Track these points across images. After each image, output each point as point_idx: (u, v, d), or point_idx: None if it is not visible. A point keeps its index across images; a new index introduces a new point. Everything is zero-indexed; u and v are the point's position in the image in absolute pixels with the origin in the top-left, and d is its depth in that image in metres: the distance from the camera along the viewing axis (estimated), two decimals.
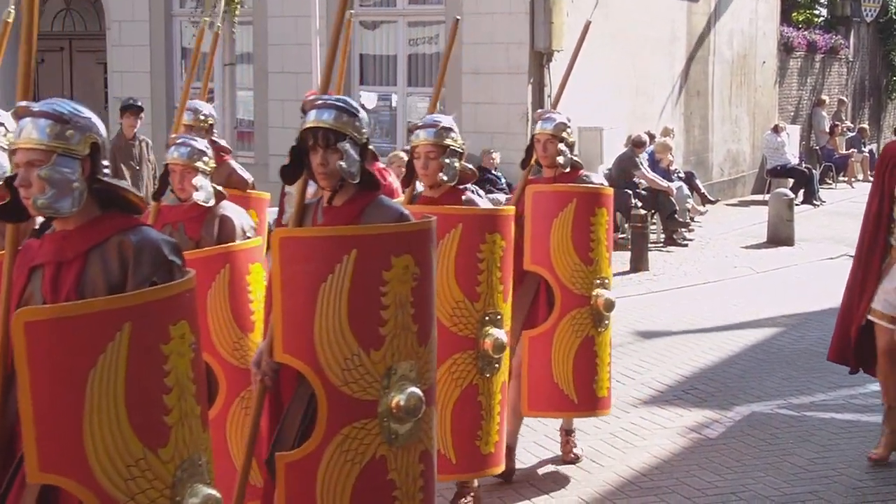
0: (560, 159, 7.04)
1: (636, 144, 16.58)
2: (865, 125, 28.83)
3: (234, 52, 13.36)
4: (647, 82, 19.24)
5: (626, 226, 16.17)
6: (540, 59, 15.88)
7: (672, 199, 16.61)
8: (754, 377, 9.56)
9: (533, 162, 7.20)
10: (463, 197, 6.02)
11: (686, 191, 17.57)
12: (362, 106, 16.84)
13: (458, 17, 6.82)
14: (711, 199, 19.51)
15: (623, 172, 16.44)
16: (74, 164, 3.59)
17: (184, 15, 17.43)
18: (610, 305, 7.04)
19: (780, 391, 9.12)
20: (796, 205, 18.25)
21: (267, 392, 4.54)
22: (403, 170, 6.32)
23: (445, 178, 5.91)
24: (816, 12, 29.91)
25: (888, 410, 7.27)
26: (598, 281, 7.00)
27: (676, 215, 16.69)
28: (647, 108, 19.21)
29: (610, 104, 18.00)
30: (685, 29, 20.38)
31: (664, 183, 16.67)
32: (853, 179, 25.75)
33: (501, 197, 14.88)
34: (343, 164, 4.44)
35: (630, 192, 16.25)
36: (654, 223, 16.65)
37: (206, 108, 7.89)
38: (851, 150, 26.02)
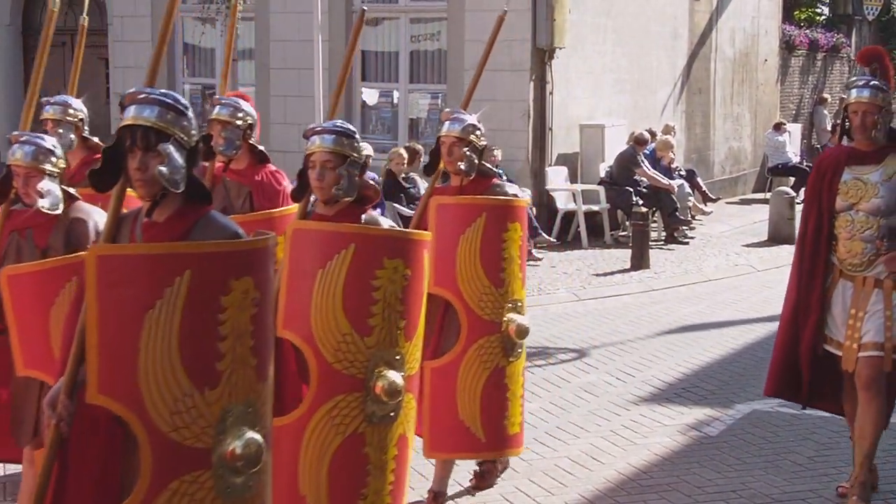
0: (462, 165, 6.32)
1: (637, 142, 16.58)
2: None
3: (236, 48, 13.34)
4: (649, 79, 19.24)
5: (628, 223, 16.17)
6: (542, 56, 15.87)
7: (673, 196, 16.61)
8: (755, 375, 9.55)
9: (441, 168, 6.50)
10: (363, 216, 5.12)
11: (687, 189, 17.57)
12: (364, 103, 16.60)
13: (365, 8, 5.94)
14: (712, 196, 19.51)
15: (624, 170, 16.43)
16: None
17: (186, 11, 17.44)
18: (523, 332, 6.35)
19: None
20: (797, 203, 18.22)
21: (63, 439, 3.89)
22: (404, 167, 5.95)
23: (340, 191, 5.04)
24: (818, 10, 29.93)
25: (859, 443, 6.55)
26: (510, 304, 6.34)
27: (678, 213, 16.69)
28: (648, 106, 19.21)
29: (612, 101, 18.02)
30: (687, 26, 20.38)
31: (665, 181, 16.67)
32: None
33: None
34: (164, 169, 3.79)
35: (631, 189, 16.25)
36: (656, 221, 16.65)
37: (76, 102, 7.06)
38: None
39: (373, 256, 4.85)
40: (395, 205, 13.51)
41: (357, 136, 5.22)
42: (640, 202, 15.89)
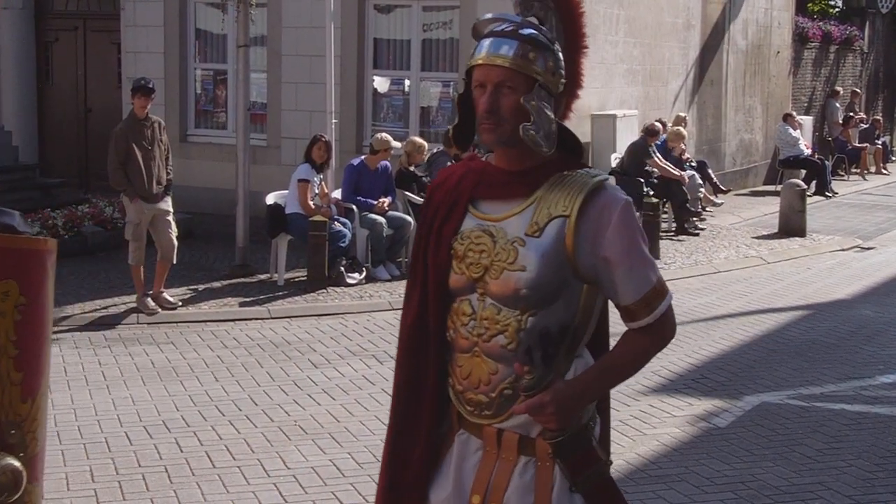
0: None
1: (649, 133, 16.56)
2: (879, 117, 28.78)
3: (249, 34, 13.32)
4: (661, 70, 19.20)
5: (638, 214, 16.14)
6: None
7: (684, 188, 16.60)
8: (764, 367, 9.56)
9: None
10: None
11: (698, 180, 17.55)
12: (375, 90, 16.62)
13: None
14: (723, 188, 19.50)
15: (635, 160, 16.41)
16: None
17: None
18: (10, 483, 3.18)
19: (790, 381, 9.11)
20: (808, 196, 18.22)
21: None
22: (424, 156, 4.59)
23: None
24: (832, 3, 29.87)
25: None
26: None
27: (688, 204, 16.67)
28: (660, 96, 19.18)
29: (623, 91, 17.98)
30: (700, 17, 20.33)
31: (676, 171, 16.65)
32: (866, 171, 25.72)
33: None
34: None
35: (642, 180, 16.23)
36: (666, 212, 16.63)
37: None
38: (864, 143, 26.00)
39: None
40: (407, 192, 13.50)
41: None
42: (651, 193, 15.87)
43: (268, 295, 11.91)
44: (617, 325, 3.29)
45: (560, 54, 3.24)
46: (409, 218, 13.16)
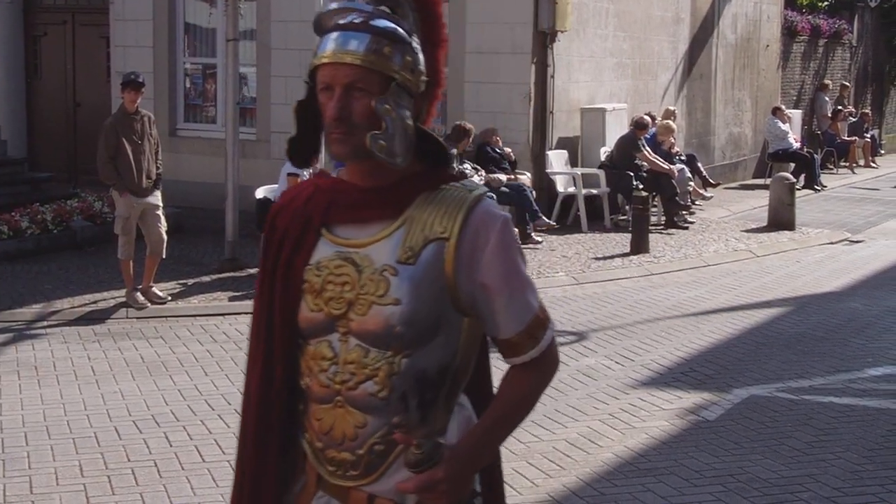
0: None
1: (638, 126, 16.57)
2: (868, 110, 28.83)
3: (238, 28, 13.29)
4: (651, 64, 19.21)
5: (627, 208, 16.17)
6: (543, 38, 15.84)
7: (673, 181, 16.61)
8: (753, 360, 9.58)
9: None
10: None
11: (687, 173, 17.58)
12: None
13: None
14: (713, 181, 19.53)
15: (625, 154, 16.42)
16: None
17: None
18: None
19: (779, 374, 9.13)
20: (797, 189, 18.26)
21: None
22: None
23: None
24: None
25: None
26: None
27: (677, 198, 16.69)
28: (649, 90, 19.19)
29: (613, 85, 17.99)
30: (689, 11, 20.35)
31: (666, 165, 16.66)
32: (854, 165, 25.79)
33: (503, 177, 14.88)
34: None
35: (631, 174, 16.24)
36: (655, 205, 16.64)
37: None
38: (853, 136, 26.06)
39: None
40: None
41: None
42: (641, 186, 15.88)
43: None
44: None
45: (419, 49, 2.79)
46: None
